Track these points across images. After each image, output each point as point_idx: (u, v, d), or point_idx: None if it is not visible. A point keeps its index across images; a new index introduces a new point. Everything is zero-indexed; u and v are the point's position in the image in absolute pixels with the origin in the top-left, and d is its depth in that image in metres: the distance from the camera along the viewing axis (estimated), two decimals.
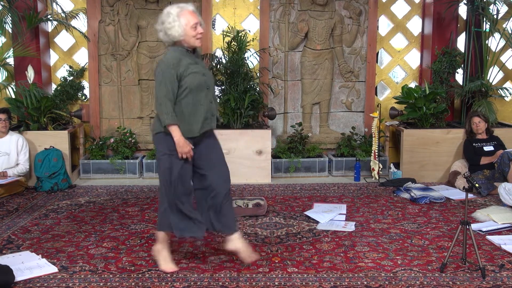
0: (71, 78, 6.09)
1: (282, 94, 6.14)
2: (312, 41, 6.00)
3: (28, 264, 3.32)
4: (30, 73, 5.60)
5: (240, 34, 5.62)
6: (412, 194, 4.80)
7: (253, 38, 6.08)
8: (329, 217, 4.24)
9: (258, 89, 5.85)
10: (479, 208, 4.47)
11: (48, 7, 5.97)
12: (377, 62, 6.25)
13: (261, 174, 5.49)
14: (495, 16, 5.72)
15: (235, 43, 5.63)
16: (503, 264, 3.33)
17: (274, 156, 5.80)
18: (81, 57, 6.23)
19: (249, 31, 6.09)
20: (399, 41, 6.46)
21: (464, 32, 6.12)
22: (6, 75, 5.79)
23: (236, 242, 3.29)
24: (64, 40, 6.24)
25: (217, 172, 3.31)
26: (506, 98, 6.19)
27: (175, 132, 3.09)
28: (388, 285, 3.06)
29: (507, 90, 5.89)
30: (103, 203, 4.76)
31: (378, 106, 5.79)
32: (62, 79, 6.08)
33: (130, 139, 5.91)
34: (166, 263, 3.28)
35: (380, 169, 5.52)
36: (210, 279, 3.14)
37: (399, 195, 4.95)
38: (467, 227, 3.22)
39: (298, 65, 6.09)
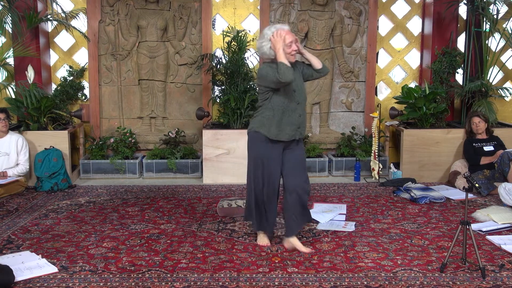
0: (71, 78, 6.09)
1: None
2: (312, 41, 6.00)
3: (28, 264, 3.32)
4: (30, 73, 5.60)
5: (240, 34, 5.62)
6: (412, 194, 4.80)
7: (253, 38, 6.08)
8: (329, 217, 4.24)
9: (258, 89, 5.84)
10: (479, 208, 4.47)
11: (48, 7, 5.98)
12: (377, 62, 6.25)
13: None
14: (495, 16, 5.72)
15: (235, 43, 5.63)
16: (503, 264, 3.33)
17: None
18: (81, 57, 6.23)
19: (249, 31, 6.09)
20: (399, 41, 6.47)
21: (464, 32, 6.12)
22: (6, 75, 5.80)
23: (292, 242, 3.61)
24: (64, 40, 6.24)
25: (292, 177, 3.57)
26: (506, 98, 6.19)
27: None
28: (388, 285, 3.06)
29: (507, 90, 5.89)
30: (103, 203, 4.76)
31: (378, 106, 5.79)
32: (62, 79, 6.09)
33: (130, 139, 5.92)
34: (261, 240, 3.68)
35: (380, 169, 5.52)
36: (210, 279, 3.14)
37: (399, 195, 4.95)
38: (467, 227, 3.22)
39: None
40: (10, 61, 5.80)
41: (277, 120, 3.43)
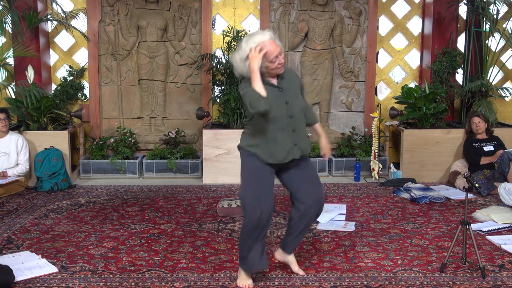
0: (71, 78, 6.09)
1: None
2: (312, 41, 6.00)
3: (28, 264, 3.32)
4: (30, 73, 5.60)
5: (240, 34, 5.62)
6: (412, 194, 4.80)
7: None
8: (329, 217, 4.23)
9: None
10: (479, 208, 4.47)
11: (48, 7, 5.98)
12: (377, 62, 6.25)
13: None
14: (495, 16, 5.72)
15: (235, 43, 5.62)
16: (503, 264, 3.33)
17: None
18: (81, 57, 6.23)
19: (249, 31, 6.09)
20: (399, 41, 6.47)
21: (464, 32, 6.12)
22: (6, 75, 5.80)
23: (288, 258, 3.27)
24: (64, 40, 6.24)
25: (310, 191, 3.07)
26: (506, 98, 6.19)
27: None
28: (388, 285, 3.06)
29: (507, 90, 5.89)
30: (103, 203, 4.76)
31: (378, 106, 5.79)
32: (62, 79, 6.09)
33: (130, 139, 5.92)
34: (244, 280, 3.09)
35: (380, 169, 5.52)
36: (210, 279, 3.14)
37: (399, 195, 4.95)
38: (467, 227, 3.22)
39: (298, 65, 6.09)
40: (10, 61, 5.80)
41: (267, 140, 2.91)
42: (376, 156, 5.51)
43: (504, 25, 5.80)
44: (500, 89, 5.88)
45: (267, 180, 2.99)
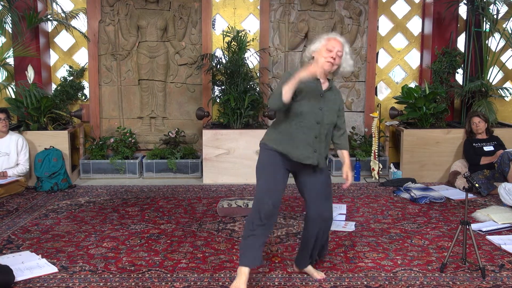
0: (71, 78, 6.09)
1: None
2: (312, 41, 6.00)
3: (28, 264, 3.32)
4: (30, 73, 5.61)
5: (240, 34, 5.62)
6: (412, 194, 4.80)
7: (253, 38, 6.08)
8: None
9: (258, 89, 5.85)
10: (479, 208, 4.47)
11: (48, 7, 5.98)
12: (377, 62, 6.25)
13: None
14: (495, 16, 5.72)
15: (235, 43, 5.63)
16: (503, 264, 3.33)
17: None
18: (81, 57, 6.23)
19: (249, 31, 6.09)
20: (399, 41, 6.47)
21: (464, 32, 6.12)
22: (6, 75, 5.80)
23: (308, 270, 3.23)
24: (64, 40, 6.24)
25: (314, 205, 3.06)
26: (506, 98, 6.20)
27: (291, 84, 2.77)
28: (388, 285, 3.06)
29: (507, 90, 5.89)
30: (103, 203, 4.76)
31: (378, 106, 5.79)
32: (62, 79, 6.09)
33: (130, 139, 5.92)
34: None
35: (380, 169, 5.52)
36: (210, 279, 3.14)
37: (399, 195, 4.95)
38: (467, 227, 3.22)
39: (298, 65, 6.09)
40: (10, 61, 5.80)
41: (290, 134, 2.93)
42: (376, 156, 5.51)
43: (504, 25, 5.80)
44: (500, 89, 5.89)
45: (278, 177, 2.97)
